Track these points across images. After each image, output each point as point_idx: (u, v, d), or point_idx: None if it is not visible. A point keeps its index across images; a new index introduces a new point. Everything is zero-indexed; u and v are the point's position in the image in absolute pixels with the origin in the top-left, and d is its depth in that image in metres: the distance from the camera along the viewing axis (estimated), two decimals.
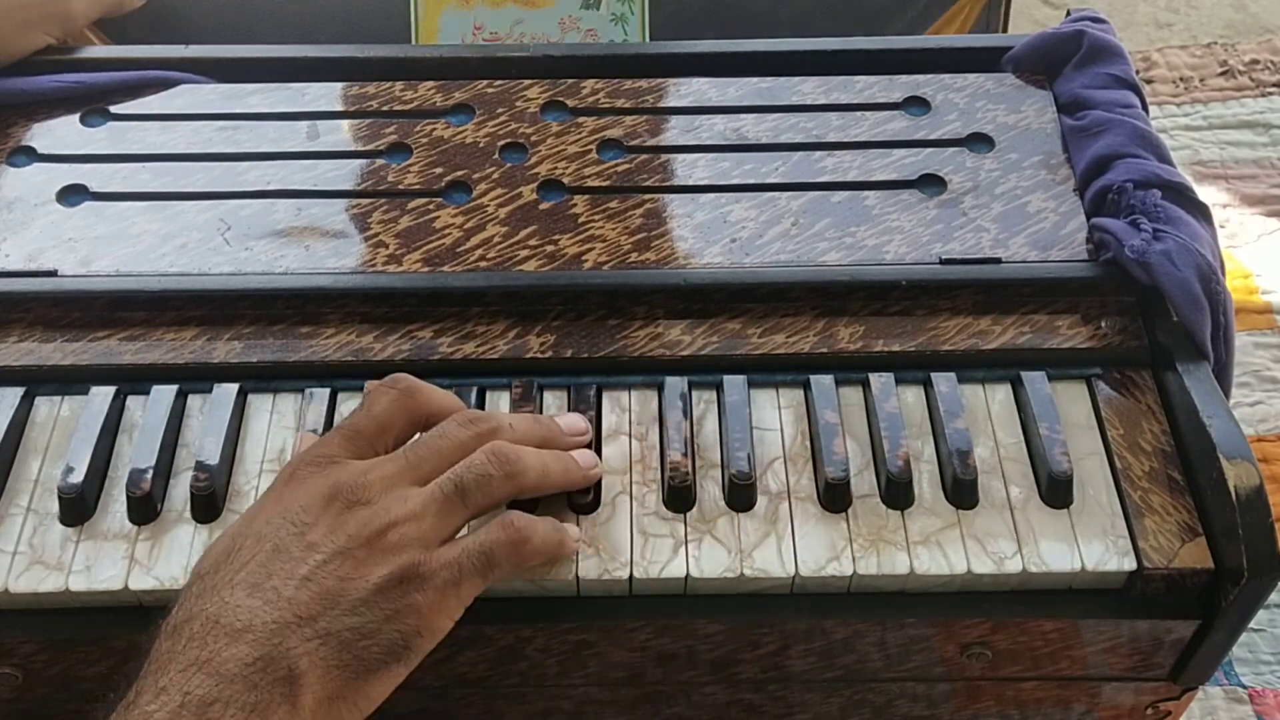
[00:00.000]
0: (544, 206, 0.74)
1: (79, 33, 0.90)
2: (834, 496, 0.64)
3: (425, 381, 0.62)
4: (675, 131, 0.78)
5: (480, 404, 0.67)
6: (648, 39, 0.89)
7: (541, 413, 0.67)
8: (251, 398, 0.68)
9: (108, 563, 0.62)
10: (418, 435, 0.61)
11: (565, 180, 0.75)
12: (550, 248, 0.72)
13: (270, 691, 0.51)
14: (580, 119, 0.79)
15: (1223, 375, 0.69)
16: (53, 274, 0.70)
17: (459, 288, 0.70)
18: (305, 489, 0.57)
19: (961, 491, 0.64)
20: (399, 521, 0.56)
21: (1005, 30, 1.01)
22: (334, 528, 0.56)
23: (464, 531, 0.59)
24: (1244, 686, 1.02)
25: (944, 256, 0.71)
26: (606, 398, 0.68)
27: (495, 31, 0.88)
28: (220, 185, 0.75)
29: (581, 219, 0.73)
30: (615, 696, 0.68)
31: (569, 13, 0.87)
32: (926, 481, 0.65)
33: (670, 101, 0.80)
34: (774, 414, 0.67)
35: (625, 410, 0.67)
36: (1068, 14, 0.83)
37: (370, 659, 0.54)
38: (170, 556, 0.62)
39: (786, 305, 0.70)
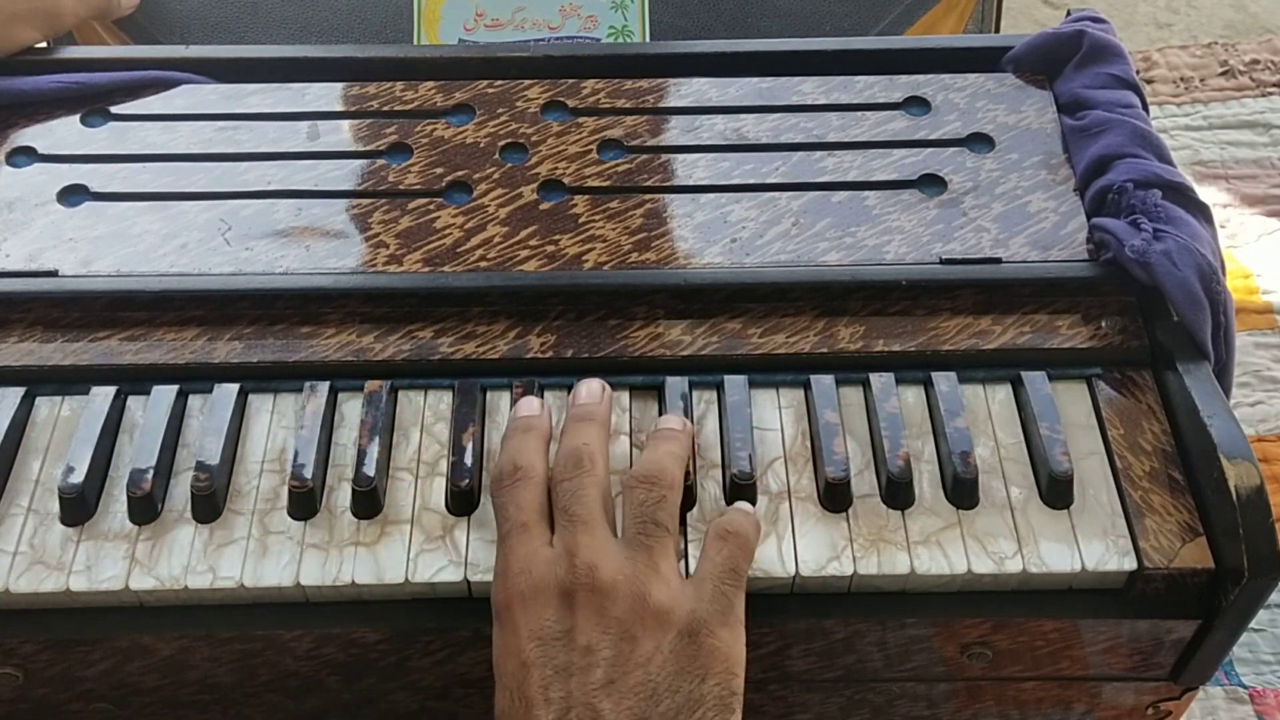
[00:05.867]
0: (544, 206, 0.74)
1: (87, 32, 0.90)
2: (834, 496, 0.64)
3: (516, 436, 0.62)
4: (675, 131, 0.78)
5: (482, 405, 0.67)
6: (647, 29, 0.89)
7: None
8: (252, 398, 0.68)
9: (108, 563, 0.62)
10: (560, 497, 0.60)
11: (566, 180, 0.75)
12: (551, 248, 0.72)
13: None
14: (580, 119, 0.79)
15: (1223, 375, 0.69)
16: (53, 274, 0.70)
17: (459, 288, 0.70)
18: (539, 602, 0.56)
19: (962, 491, 0.64)
20: (648, 582, 0.56)
21: (998, 28, 1.01)
22: (599, 620, 0.55)
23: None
24: (1244, 686, 1.02)
25: (944, 256, 0.71)
26: None
27: (497, 18, 0.88)
28: (221, 185, 0.75)
29: (582, 219, 0.73)
30: None
31: None
32: (927, 481, 0.65)
33: (670, 101, 0.80)
34: (774, 414, 0.67)
35: (625, 410, 0.67)
36: (1068, 14, 0.83)
37: None
38: (171, 556, 0.62)
39: (787, 305, 0.70)
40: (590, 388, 0.65)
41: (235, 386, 0.67)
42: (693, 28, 0.95)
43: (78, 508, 0.63)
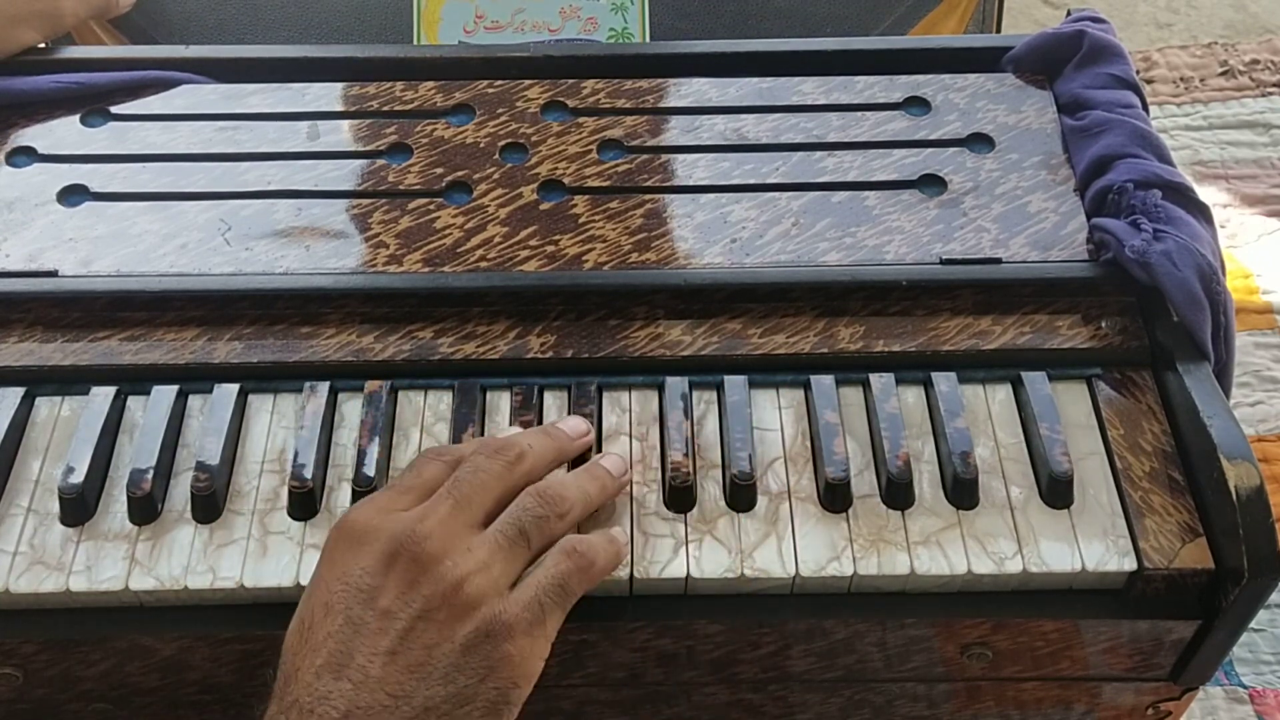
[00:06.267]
0: (544, 207, 0.74)
1: (85, 32, 0.90)
2: (834, 496, 0.64)
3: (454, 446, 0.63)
4: (675, 131, 0.78)
5: (482, 405, 0.67)
6: (647, 31, 0.89)
7: (541, 415, 0.67)
8: (252, 398, 0.68)
9: (108, 563, 0.62)
10: (461, 468, 0.59)
11: (566, 180, 0.75)
12: (551, 248, 0.72)
13: None
14: (580, 119, 0.79)
15: (1223, 375, 0.69)
16: (53, 274, 0.70)
17: (459, 288, 0.70)
18: (363, 550, 0.55)
19: (962, 491, 0.64)
20: (470, 574, 0.55)
21: (999, 28, 1.01)
22: (406, 590, 0.54)
23: None
24: (1244, 686, 1.02)
25: (944, 256, 0.71)
26: (607, 398, 0.68)
27: (497, 20, 0.88)
28: (221, 185, 0.75)
29: (582, 219, 0.73)
30: (615, 696, 0.68)
31: (569, 1, 0.88)
32: (927, 481, 0.65)
33: (670, 101, 0.80)
34: (774, 414, 0.67)
35: (626, 410, 0.67)
36: (1068, 14, 0.83)
37: None
38: (170, 557, 0.62)
39: (787, 305, 0.70)
40: (575, 422, 0.65)
41: (235, 387, 0.67)
42: (693, 30, 0.94)
43: (78, 508, 0.63)
